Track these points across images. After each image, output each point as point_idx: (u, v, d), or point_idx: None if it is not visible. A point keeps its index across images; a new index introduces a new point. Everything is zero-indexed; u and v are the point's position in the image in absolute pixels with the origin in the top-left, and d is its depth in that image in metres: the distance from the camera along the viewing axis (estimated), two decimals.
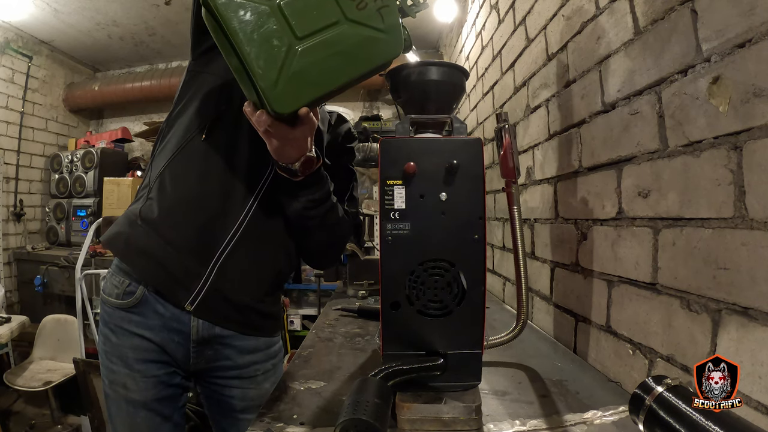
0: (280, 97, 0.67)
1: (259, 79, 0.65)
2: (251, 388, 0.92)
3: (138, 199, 0.90)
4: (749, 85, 0.54)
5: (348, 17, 0.69)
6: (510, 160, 0.78)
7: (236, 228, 0.85)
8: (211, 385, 0.93)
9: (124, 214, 0.91)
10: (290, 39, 0.66)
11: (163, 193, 0.86)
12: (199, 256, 0.84)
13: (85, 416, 2.02)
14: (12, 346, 2.80)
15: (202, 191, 0.85)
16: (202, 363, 0.89)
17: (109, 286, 0.89)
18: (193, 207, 0.85)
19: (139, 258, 0.85)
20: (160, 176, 0.87)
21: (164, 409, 0.87)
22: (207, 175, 0.86)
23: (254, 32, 0.65)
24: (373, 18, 0.70)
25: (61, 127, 3.93)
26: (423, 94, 0.74)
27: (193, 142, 0.86)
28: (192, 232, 0.84)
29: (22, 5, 3.00)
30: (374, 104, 3.95)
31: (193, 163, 0.86)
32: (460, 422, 0.62)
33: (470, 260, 0.66)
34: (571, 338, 1.02)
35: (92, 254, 2.82)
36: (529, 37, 1.32)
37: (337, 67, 0.70)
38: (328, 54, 0.68)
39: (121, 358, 0.85)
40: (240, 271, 0.86)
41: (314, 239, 0.95)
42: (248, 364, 0.92)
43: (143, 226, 0.85)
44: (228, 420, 0.94)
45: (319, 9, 0.68)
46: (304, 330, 3.23)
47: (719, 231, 0.59)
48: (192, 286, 0.83)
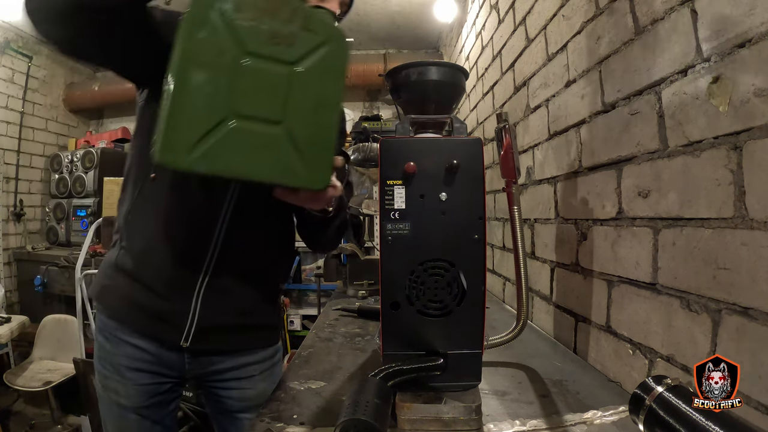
0: (314, 178, 0.67)
1: (290, 184, 0.67)
2: (249, 389, 0.92)
3: (114, 243, 0.90)
4: (749, 85, 0.54)
5: (291, 62, 0.64)
6: (510, 160, 0.78)
7: (209, 257, 0.84)
8: (209, 386, 0.93)
9: (103, 263, 0.91)
10: (278, 130, 0.63)
11: (132, 242, 0.86)
12: (181, 295, 0.84)
13: (85, 416, 2.02)
14: (12, 346, 2.80)
15: (167, 232, 0.84)
16: (198, 369, 0.89)
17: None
18: (161, 251, 0.84)
19: (128, 309, 0.85)
20: (125, 223, 0.87)
21: (154, 414, 0.88)
22: (166, 215, 0.85)
23: (247, 156, 0.62)
24: (309, 40, 0.64)
25: (61, 127, 3.93)
26: (423, 94, 0.74)
27: (145, 184, 0.86)
28: (167, 274, 0.84)
29: (22, 5, 3.00)
30: (374, 104, 3.95)
31: (150, 208, 0.85)
32: (460, 422, 0.62)
33: (470, 260, 0.66)
34: (571, 338, 1.02)
35: (92, 254, 2.82)
36: (529, 37, 1.32)
37: (325, 108, 0.66)
38: (312, 108, 0.65)
39: (114, 365, 0.86)
40: (223, 297, 0.86)
41: (323, 240, 0.99)
42: (244, 366, 0.92)
43: (123, 276, 0.85)
44: (227, 419, 0.94)
45: (268, 81, 0.63)
46: (304, 330, 3.23)
47: (719, 231, 0.59)
48: (182, 325, 0.84)
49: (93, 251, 2.83)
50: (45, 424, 2.52)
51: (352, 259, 1.81)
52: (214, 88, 0.60)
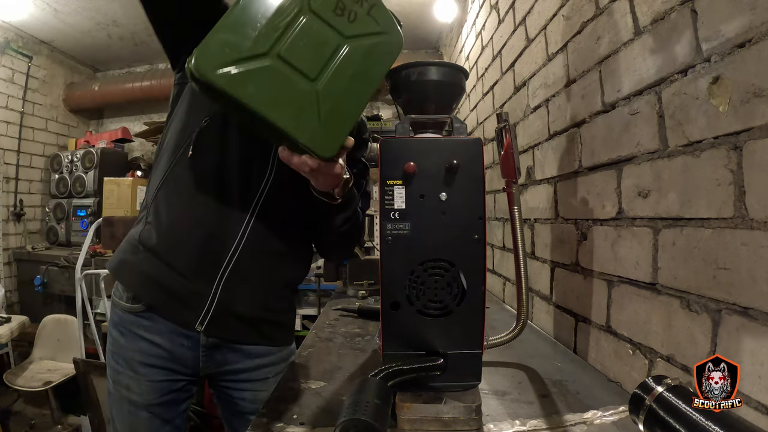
0: (323, 143, 0.67)
1: (299, 137, 0.66)
2: (262, 391, 0.91)
3: (139, 220, 0.90)
4: (749, 85, 0.54)
5: (346, 35, 0.68)
6: (510, 160, 0.78)
7: (237, 241, 0.84)
8: (222, 386, 0.93)
9: (126, 239, 0.90)
10: (307, 84, 0.66)
11: (159, 218, 0.85)
12: (204, 276, 0.83)
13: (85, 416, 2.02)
14: (12, 346, 2.80)
15: (196, 211, 0.84)
16: (213, 367, 0.89)
17: (119, 290, 0.89)
18: (189, 229, 0.84)
19: (144, 286, 0.85)
20: (154, 199, 0.87)
21: (165, 413, 0.87)
22: (198, 195, 0.84)
23: (272, 95, 0.64)
24: (368, 24, 0.70)
25: (61, 127, 3.93)
26: (423, 94, 0.74)
27: (181, 160, 0.85)
28: (192, 254, 0.83)
29: (22, 5, 3.00)
30: (374, 104, 3.95)
31: (183, 183, 0.85)
32: (460, 422, 0.62)
33: (470, 260, 0.66)
34: (571, 338, 1.02)
35: (92, 254, 2.82)
36: (529, 37, 1.32)
37: (359, 87, 0.69)
38: (347, 80, 0.68)
39: (127, 360, 0.85)
40: (246, 285, 0.85)
41: (336, 245, 0.97)
42: (259, 367, 0.91)
43: (145, 252, 0.85)
44: (239, 421, 0.94)
45: (318, 40, 0.67)
46: (304, 330, 3.22)
47: (719, 231, 0.59)
48: (199, 307, 0.83)
49: (93, 251, 2.83)
50: (45, 424, 2.52)
51: (352, 259, 1.81)
52: (269, 25, 0.63)
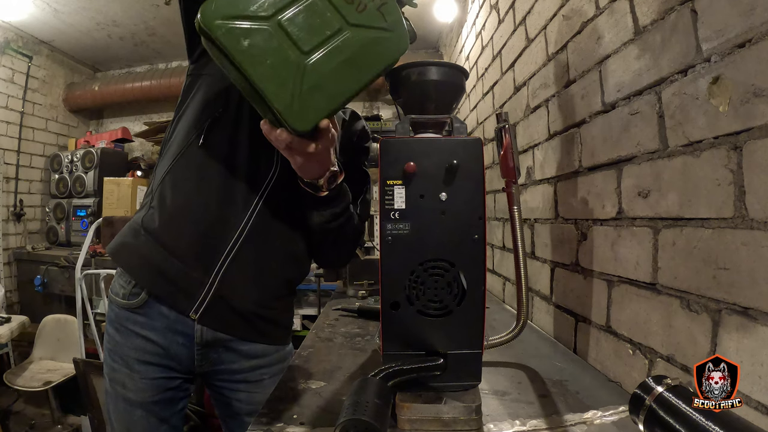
0: (298, 115, 0.67)
1: (274, 102, 0.65)
2: (257, 392, 0.90)
3: (142, 206, 0.90)
4: (749, 85, 0.54)
5: (350, 22, 0.68)
6: (510, 160, 0.78)
7: (239, 233, 0.84)
8: (217, 386, 0.93)
9: (128, 224, 0.90)
10: (297, 55, 0.66)
11: (163, 202, 0.85)
12: (202, 264, 0.83)
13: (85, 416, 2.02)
14: (12, 346, 2.80)
15: (201, 198, 0.84)
16: (207, 365, 0.88)
17: (116, 286, 0.89)
18: (192, 215, 0.84)
19: (142, 269, 0.85)
20: (161, 184, 0.87)
21: (161, 411, 0.87)
22: (205, 181, 0.85)
23: (261, 55, 0.64)
24: (375, 18, 0.70)
25: (61, 127, 3.93)
26: (423, 94, 0.74)
27: (191, 148, 0.86)
28: (193, 240, 0.83)
29: (22, 5, 3.00)
30: (374, 104, 3.95)
31: (191, 169, 0.85)
32: (460, 422, 0.62)
33: (470, 260, 0.66)
34: (571, 338, 1.02)
35: (92, 254, 2.82)
36: (529, 37, 1.32)
37: (349, 74, 0.69)
38: (338, 63, 0.68)
39: (123, 357, 0.85)
40: (244, 277, 0.85)
41: (328, 246, 0.94)
42: (254, 368, 0.91)
43: (146, 236, 0.85)
44: (235, 422, 0.94)
45: (321, 19, 0.67)
46: (304, 330, 3.22)
47: (719, 231, 0.59)
48: (196, 295, 0.83)
49: (93, 251, 2.83)
50: (45, 424, 2.52)
51: (352, 259, 1.81)
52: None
